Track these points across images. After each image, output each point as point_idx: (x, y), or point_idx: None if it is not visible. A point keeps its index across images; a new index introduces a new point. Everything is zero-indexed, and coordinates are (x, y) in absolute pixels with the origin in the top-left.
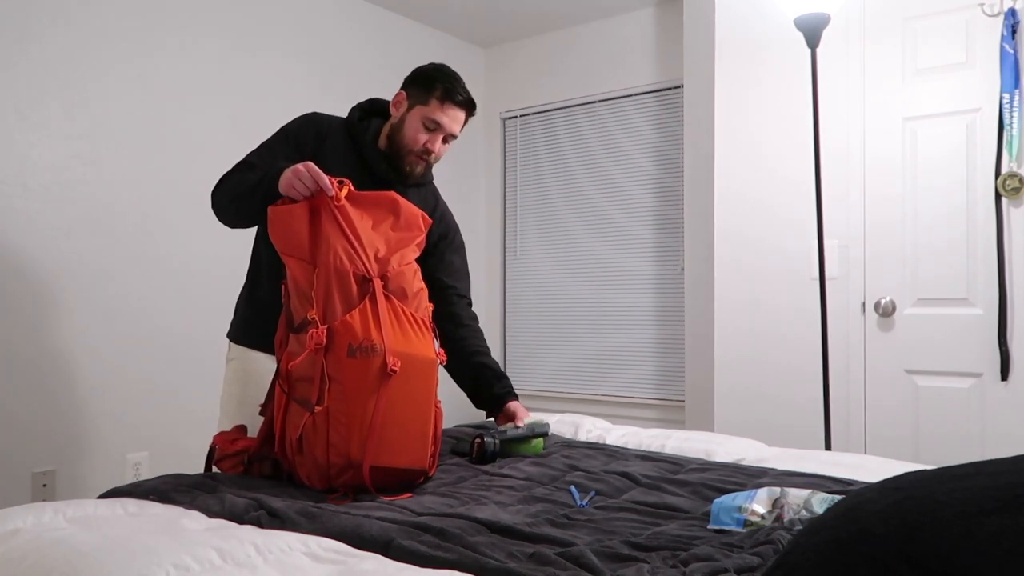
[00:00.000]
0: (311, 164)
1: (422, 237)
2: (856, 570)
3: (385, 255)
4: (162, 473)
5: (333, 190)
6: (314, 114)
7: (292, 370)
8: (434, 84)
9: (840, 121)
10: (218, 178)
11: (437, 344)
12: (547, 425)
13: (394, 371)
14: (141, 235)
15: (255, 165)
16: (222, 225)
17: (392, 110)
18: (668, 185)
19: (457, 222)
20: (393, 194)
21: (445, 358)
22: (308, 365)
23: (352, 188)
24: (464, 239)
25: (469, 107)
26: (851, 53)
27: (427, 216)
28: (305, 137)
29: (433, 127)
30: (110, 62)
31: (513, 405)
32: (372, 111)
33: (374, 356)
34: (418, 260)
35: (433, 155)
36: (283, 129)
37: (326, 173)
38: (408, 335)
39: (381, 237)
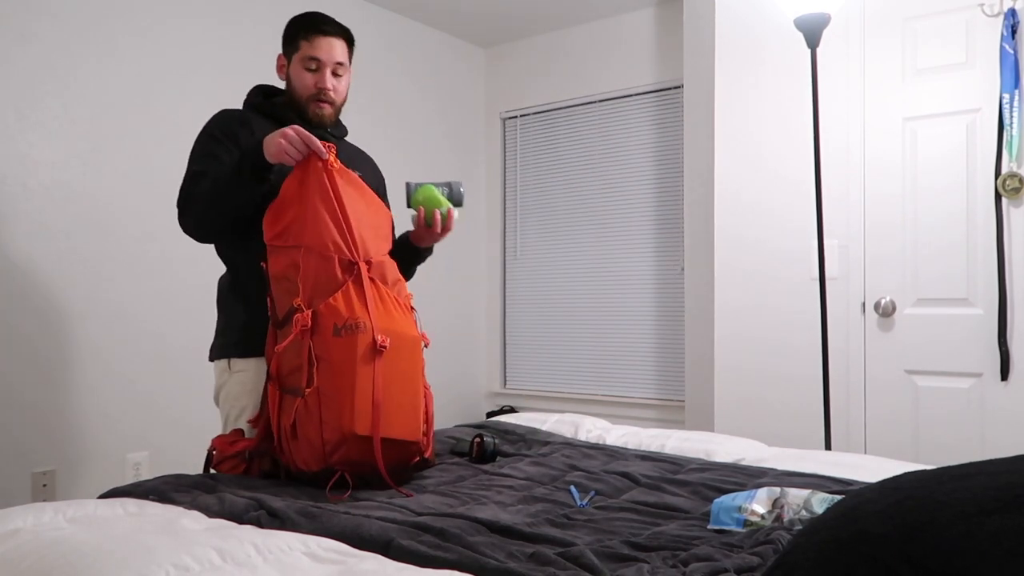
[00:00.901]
0: (298, 127)
1: (388, 228)
2: (856, 570)
3: (370, 239)
4: (162, 473)
5: (326, 153)
6: (224, 109)
7: (281, 364)
8: (297, 29)
9: (840, 121)
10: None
11: (420, 326)
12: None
13: (384, 347)
14: (141, 235)
15: (207, 171)
16: None
17: (280, 77)
18: (668, 185)
19: (456, 215)
20: (365, 186)
21: (429, 341)
22: (295, 353)
23: (336, 154)
24: (464, 238)
25: (340, 33)
26: (851, 53)
27: (388, 210)
28: (232, 128)
29: (314, 66)
30: (110, 62)
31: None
32: (271, 94)
33: (359, 333)
34: None
35: (329, 91)
36: (206, 133)
37: None
38: (392, 314)
39: (362, 218)
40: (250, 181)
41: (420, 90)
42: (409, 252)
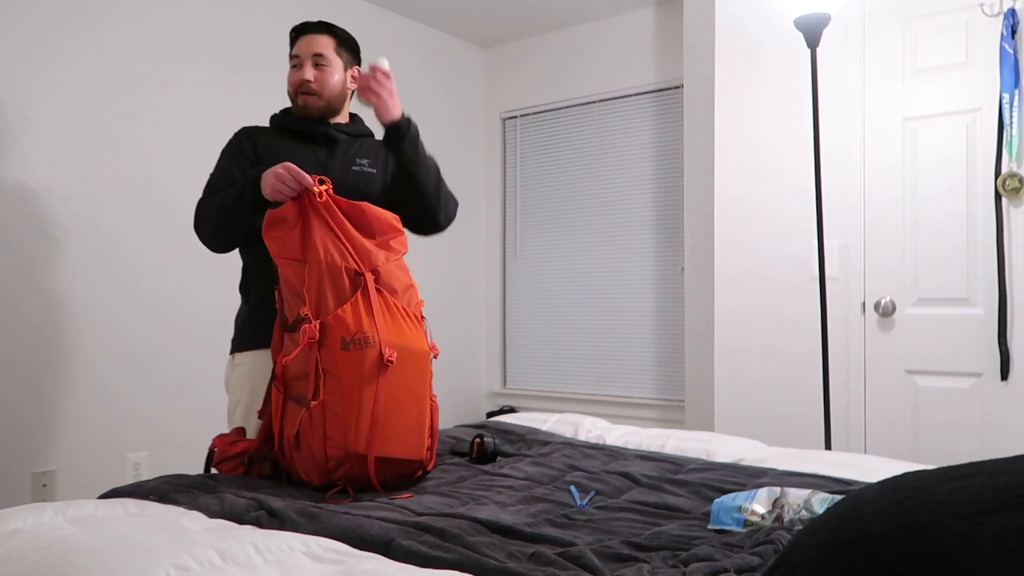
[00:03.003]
0: (289, 164)
1: (403, 236)
2: (856, 570)
3: (374, 250)
4: (162, 473)
5: (316, 187)
6: (243, 127)
7: (287, 368)
8: (289, 39)
9: (840, 121)
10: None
11: (430, 337)
12: None
13: (391, 361)
14: (141, 236)
15: (221, 188)
16: None
17: None
18: (668, 185)
19: (456, 215)
20: (359, 204)
21: (438, 351)
22: (302, 361)
23: (332, 187)
24: (464, 239)
25: (320, 29)
26: (851, 53)
27: (400, 219)
28: (245, 147)
29: (296, 63)
30: (110, 63)
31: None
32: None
33: (368, 348)
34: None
35: (309, 82)
36: (223, 151)
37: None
38: (401, 327)
39: (366, 236)
40: (251, 212)
41: (420, 90)
42: (397, 169)
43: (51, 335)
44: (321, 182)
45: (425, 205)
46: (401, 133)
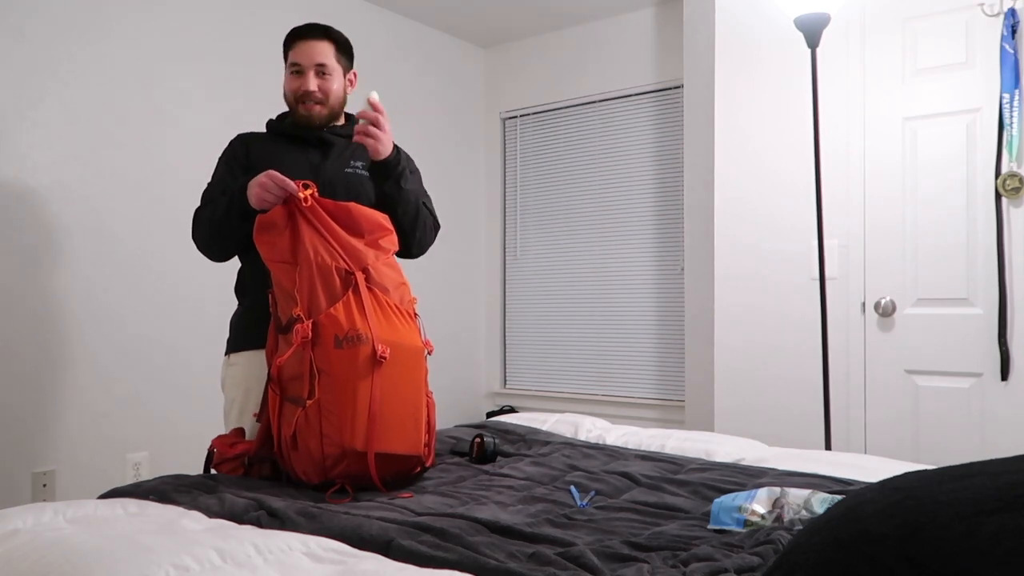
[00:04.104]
0: (273, 172)
1: (392, 235)
2: (856, 570)
3: (363, 250)
4: (162, 473)
5: (300, 192)
6: (238, 135)
7: (282, 369)
8: (286, 41)
9: (840, 121)
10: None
11: (424, 334)
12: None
13: (384, 358)
14: (142, 235)
15: (215, 197)
16: None
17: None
18: (668, 185)
19: (456, 215)
20: (347, 205)
21: (432, 347)
22: (297, 361)
23: (316, 191)
24: (464, 239)
25: (322, 35)
26: (851, 53)
27: (389, 217)
28: (239, 154)
29: (296, 69)
30: (110, 63)
31: None
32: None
33: (361, 345)
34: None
35: (314, 92)
36: (220, 161)
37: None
38: (394, 323)
39: (354, 236)
40: (240, 222)
41: (420, 90)
42: (382, 195)
43: (51, 335)
44: (306, 187)
45: (400, 233)
46: (387, 172)
